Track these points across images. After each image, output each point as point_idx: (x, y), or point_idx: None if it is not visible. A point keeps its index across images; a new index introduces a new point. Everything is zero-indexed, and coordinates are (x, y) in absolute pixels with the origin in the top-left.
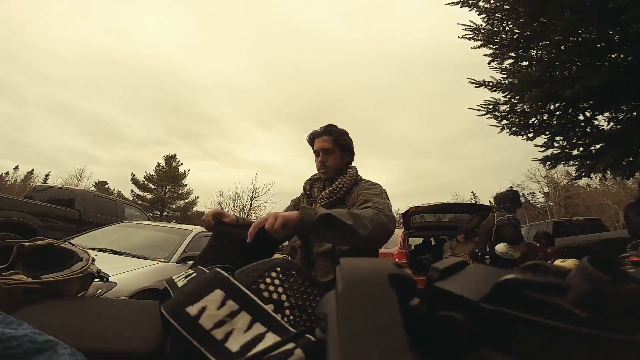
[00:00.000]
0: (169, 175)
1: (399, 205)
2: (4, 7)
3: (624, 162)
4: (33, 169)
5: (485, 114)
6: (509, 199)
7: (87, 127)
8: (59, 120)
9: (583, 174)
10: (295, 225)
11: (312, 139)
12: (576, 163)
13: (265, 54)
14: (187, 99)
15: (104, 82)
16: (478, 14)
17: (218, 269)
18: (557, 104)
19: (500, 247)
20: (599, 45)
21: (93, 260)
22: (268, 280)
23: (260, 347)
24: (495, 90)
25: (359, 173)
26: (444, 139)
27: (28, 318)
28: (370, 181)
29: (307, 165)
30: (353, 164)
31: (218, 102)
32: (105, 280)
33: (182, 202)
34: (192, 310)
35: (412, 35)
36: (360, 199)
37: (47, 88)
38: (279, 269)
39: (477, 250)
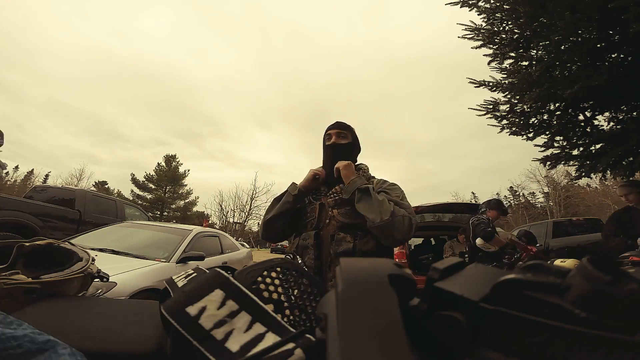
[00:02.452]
0: (169, 175)
1: None
2: (4, 7)
3: (624, 162)
4: (33, 169)
5: (485, 114)
6: (485, 204)
7: (88, 127)
8: (60, 120)
9: (583, 174)
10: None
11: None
12: (576, 163)
13: (267, 55)
14: (188, 100)
15: (105, 82)
16: (478, 14)
17: (218, 269)
18: (557, 104)
19: (478, 241)
20: (599, 45)
21: (93, 260)
22: (268, 280)
23: (260, 347)
24: (495, 90)
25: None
26: (444, 139)
27: (28, 318)
28: (383, 179)
29: (308, 166)
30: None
31: (219, 103)
32: (105, 280)
33: (182, 202)
34: (192, 310)
35: (413, 37)
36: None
37: (48, 88)
38: (279, 269)
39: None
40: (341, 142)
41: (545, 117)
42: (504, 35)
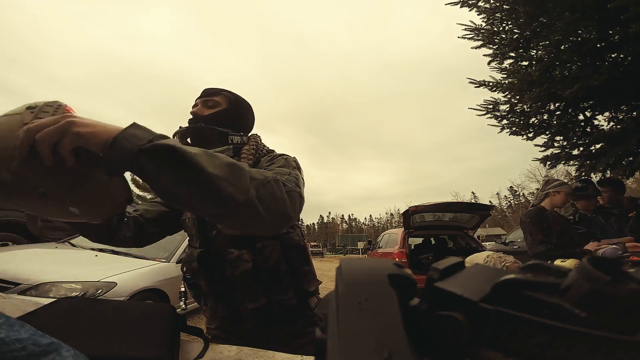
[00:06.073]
0: None
1: (399, 205)
2: (13, 11)
3: (623, 162)
4: None
5: (485, 114)
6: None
7: None
8: None
9: (583, 173)
10: (98, 150)
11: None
12: (576, 163)
13: (271, 59)
14: (191, 102)
15: (111, 85)
16: (478, 14)
17: None
18: (557, 104)
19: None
20: (599, 45)
21: None
22: None
23: None
24: (495, 90)
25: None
26: (444, 141)
27: (32, 320)
28: (276, 152)
29: (310, 168)
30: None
31: None
32: None
33: None
34: None
35: (413, 41)
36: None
37: (53, 91)
38: None
39: None
40: (206, 113)
41: (545, 117)
42: (503, 35)
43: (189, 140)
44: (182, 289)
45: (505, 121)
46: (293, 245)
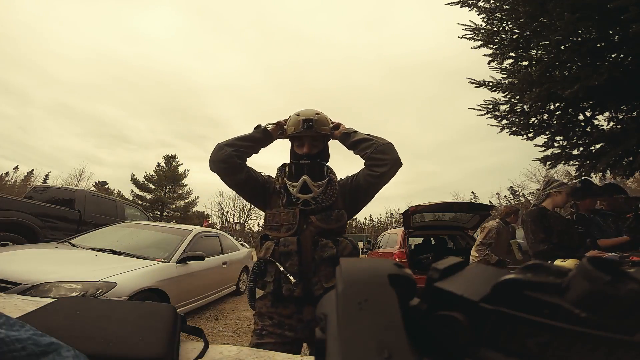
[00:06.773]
0: (169, 175)
1: (399, 205)
2: (13, 10)
3: (623, 162)
4: (33, 169)
5: (485, 114)
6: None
7: (93, 129)
8: (64, 122)
9: (583, 173)
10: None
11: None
12: (576, 163)
13: (271, 59)
14: (193, 103)
15: (112, 85)
16: (478, 14)
17: None
18: (557, 104)
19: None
20: (599, 45)
21: None
22: None
23: None
24: (495, 90)
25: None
26: (444, 141)
27: (32, 320)
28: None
29: None
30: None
31: (224, 106)
32: None
33: (182, 202)
34: None
35: (414, 44)
36: (355, 182)
37: (52, 91)
38: None
39: None
40: (315, 152)
41: (545, 117)
42: (504, 35)
43: (294, 169)
44: (281, 269)
45: (505, 121)
46: (355, 245)
